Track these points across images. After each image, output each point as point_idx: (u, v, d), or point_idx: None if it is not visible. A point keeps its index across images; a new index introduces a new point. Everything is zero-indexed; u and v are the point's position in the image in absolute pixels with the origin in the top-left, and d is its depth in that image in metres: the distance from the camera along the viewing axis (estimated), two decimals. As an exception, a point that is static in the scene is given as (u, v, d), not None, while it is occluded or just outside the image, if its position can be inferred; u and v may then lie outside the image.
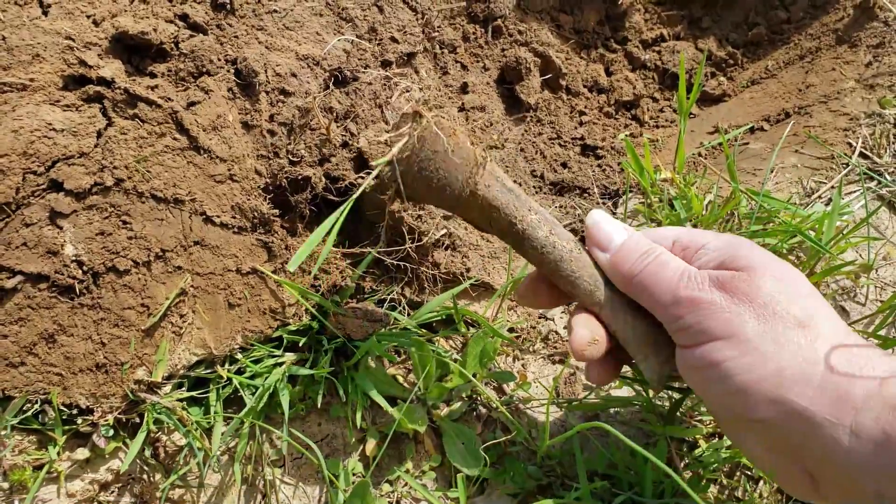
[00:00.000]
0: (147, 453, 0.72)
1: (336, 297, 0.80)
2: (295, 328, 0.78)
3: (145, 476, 0.72)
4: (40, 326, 0.68)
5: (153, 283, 0.71)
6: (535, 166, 1.09)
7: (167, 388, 0.72)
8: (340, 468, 0.74)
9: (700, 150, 1.12)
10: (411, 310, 0.84)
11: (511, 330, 0.89)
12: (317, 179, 0.78)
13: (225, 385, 0.74)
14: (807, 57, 1.22)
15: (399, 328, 0.80)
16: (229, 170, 0.75)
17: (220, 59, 0.77)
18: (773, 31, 1.30)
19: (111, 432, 0.70)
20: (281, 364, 0.76)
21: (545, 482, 0.75)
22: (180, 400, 0.72)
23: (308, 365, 0.77)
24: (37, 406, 0.68)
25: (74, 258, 0.68)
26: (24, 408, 0.68)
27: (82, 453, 0.69)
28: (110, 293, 0.69)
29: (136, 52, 0.76)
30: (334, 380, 0.77)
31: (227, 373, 0.74)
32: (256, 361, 0.76)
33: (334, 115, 0.81)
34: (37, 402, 0.68)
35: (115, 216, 0.70)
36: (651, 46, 1.29)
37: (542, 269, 0.63)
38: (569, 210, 1.03)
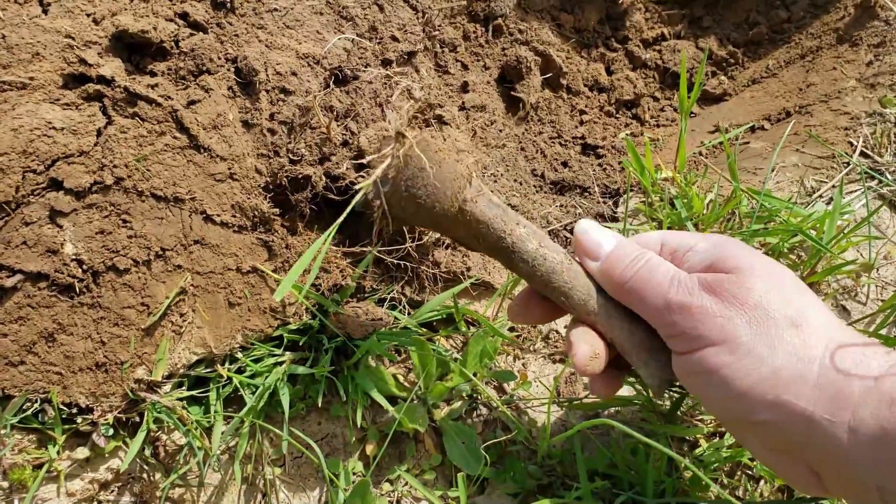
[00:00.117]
0: (147, 452, 0.72)
1: (336, 297, 0.80)
2: (295, 327, 0.77)
3: (145, 475, 0.72)
4: (40, 325, 0.67)
5: (153, 282, 0.71)
6: (535, 165, 1.09)
7: (167, 387, 0.72)
8: (341, 467, 0.74)
9: (701, 149, 1.12)
10: (412, 309, 0.84)
11: (512, 329, 0.88)
12: (317, 178, 0.78)
13: (225, 384, 0.74)
14: (808, 56, 1.22)
15: (399, 327, 0.80)
16: (229, 168, 0.75)
17: (220, 58, 0.77)
18: (773, 30, 1.30)
19: (111, 431, 0.70)
20: (281, 363, 0.76)
21: (546, 482, 0.75)
22: (180, 399, 0.72)
23: (308, 364, 0.77)
24: (36, 405, 0.68)
25: (74, 257, 0.68)
26: (24, 407, 0.68)
27: (82, 452, 0.69)
28: (110, 292, 0.69)
29: (136, 50, 0.76)
30: (334, 379, 0.77)
31: (227, 372, 0.74)
32: (257, 360, 0.75)
33: (335, 113, 0.81)
34: (36, 400, 0.68)
35: (115, 215, 0.70)
36: (652, 45, 1.29)
37: (533, 283, 0.62)
38: (569, 209, 1.03)
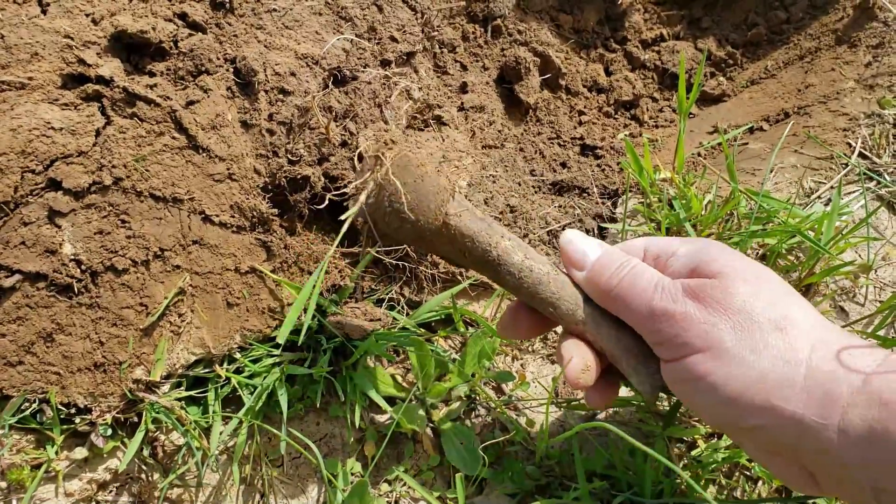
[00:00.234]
0: (145, 453, 0.71)
1: (335, 297, 0.80)
2: (294, 328, 0.77)
3: (143, 475, 0.72)
4: (38, 325, 0.67)
5: (152, 283, 0.71)
6: (534, 166, 1.09)
7: (165, 387, 0.72)
8: (339, 468, 0.74)
9: (699, 149, 1.12)
10: (410, 309, 0.84)
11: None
12: (316, 179, 0.78)
13: (223, 384, 0.74)
14: (806, 57, 1.22)
15: (398, 328, 0.80)
16: (228, 169, 0.75)
17: (219, 58, 0.77)
18: (772, 31, 1.30)
19: (109, 432, 0.70)
20: (279, 364, 0.76)
21: (544, 482, 0.75)
22: (179, 399, 0.72)
23: (307, 364, 0.77)
24: (35, 405, 0.68)
25: (73, 257, 0.68)
26: (23, 407, 0.68)
27: (80, 453, 0.69)
28: (109, 292, 0.69)
29: (134, 50, 0.76)
30: (333, 379, 0.77)
31: (225, 372, 0.74)
32: (255, 361, 0.75)
33: (333, 114, 0.81)
34: (35, 401, 0.68)
35: (114, 215, 0.70)
36: (650, 46, 1.29)
37: (520, 295, 0.62)
38: (568, 210, 1.03)
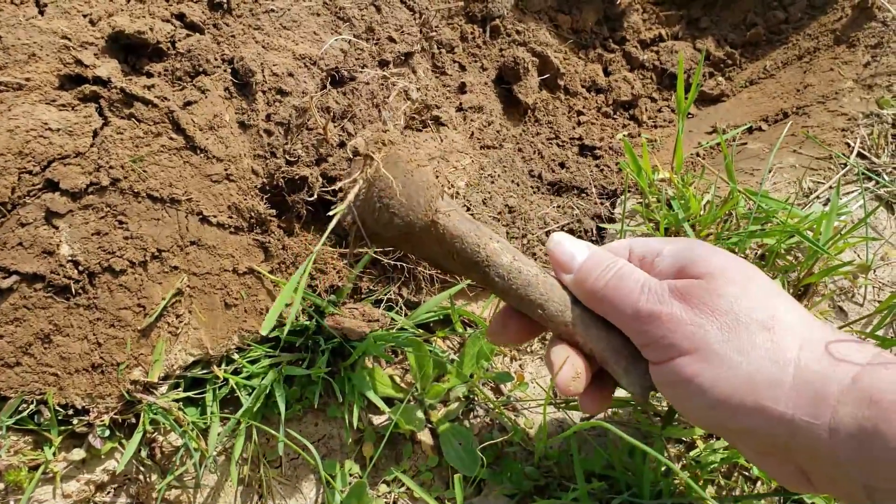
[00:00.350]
0: (143, 454, 0.71)
1: (333, 298, 0.80)
2: (292, 328, 0.77)
3: (141, 477, 0.72)
4: (36, 326, 0.67)
5: (149, 283, 0.71)
6: (532, 166, 1.09)
7: (163, 388, 0.72)
8: (337, 469, 0.74)
9: (698, 150, 1.12)
10: (408, 310, 0.84)
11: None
12: (314, 179, 0.78)
13: (221, 385, 0.74)
14: (805, 57, 1.22)
15: (396, 328, 0.80)
16: (226, 169, 0.75)
17: (216, 59, 0.77)
18: (771, 31, 1.30)
19: (107, 433, 0.70)
20: (278, 364, 0.76)
21: (542, 483, 0.75)
22: (176, 400, 0.72)
23: (305, 365, 0.77)
24: (32, 406, 0.68)
25: (70, 258, 0.68)
26: (20, 408, 0.67)
27: (78, 454, 0.69)
28: (106, 293, 0.69)
29: (132, 51, 0.76)
30: (331, 380, 0.77)
31: (223, 373, 0.74)
32: (253, 362, 0.75)
33: (331, 114, 0.81)
34: (32, 402, 0.68)
35: (111, 216, 0.70)
36: (649, 46, 1.29)
37: (509, 298, 0.62)
38: (567, 210, 1.03)
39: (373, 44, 0.89)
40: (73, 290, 0.68)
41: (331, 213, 0.61)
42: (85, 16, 0.76)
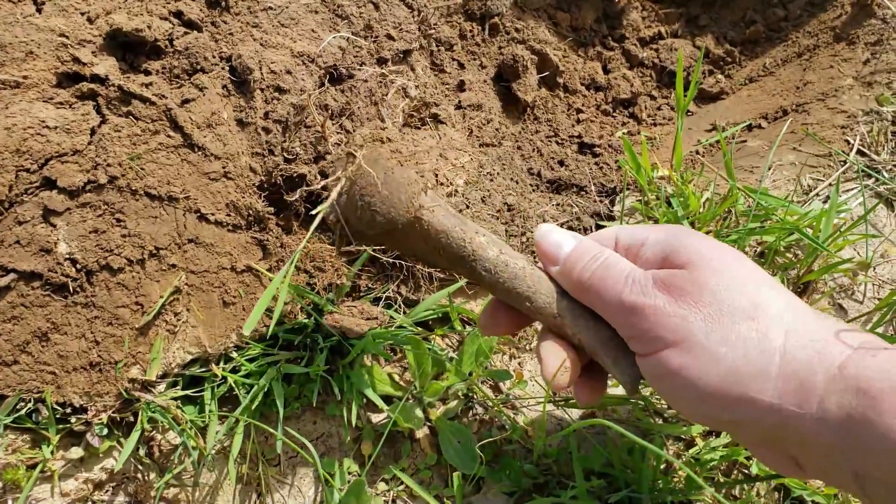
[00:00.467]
0: (141, 452, 0.71)
1: (331, 295, 0.79)
2: (290, 326, 0.77)
3: (140, 475, 0.72)
4: (34, 325, 0.67)
5: (147, 281, 0.71)
6: (532, 164, 1.08)
7: (161, 386, 0.72)
8: (336, 467, 0.74)
9: (697, 147, 1.12)
10: (407, 308, 0.84)
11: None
12: (312, 177, 0.78)
13: (220, 383, 0.74)
14: (804, 54, 1.22)
15: (395, 326, 0.80)
16: (224, 167, 0.75)
17: (214, 57, 0.77)
18: (770, 28, 1.29)
19: (105, 431, 0.70)
20: (276, 363, 0.75)
21: (541, 481, 0.75)
22: (175, 398, 0.72)
23: (303, 363, 0.77)
24: (30, 405, 0.68)
25: (68, 256, 0.68)
26: (18, 406, 0.67)
27: (76, 452, 0.69)
28: (104, 291, 0.69)
29: (130, 49, 0.76)
30: (329, 378, 0.77)
31: (221, 371, 0.73)
32: (251, 360, 0.75)
33: (330, 112, 0.81)
34: (30, 400, 0.68)
35: (109, 214, 0.70)
36: (649, 44, 1.29)
37: (496, 292, 0.62)
38: (566, 208, 1.03)
39: (371, 41, 0.89)
40: (71, 288, 0.68)
41: (313, 213, 0.61)
42: (83, 14, 0.76)
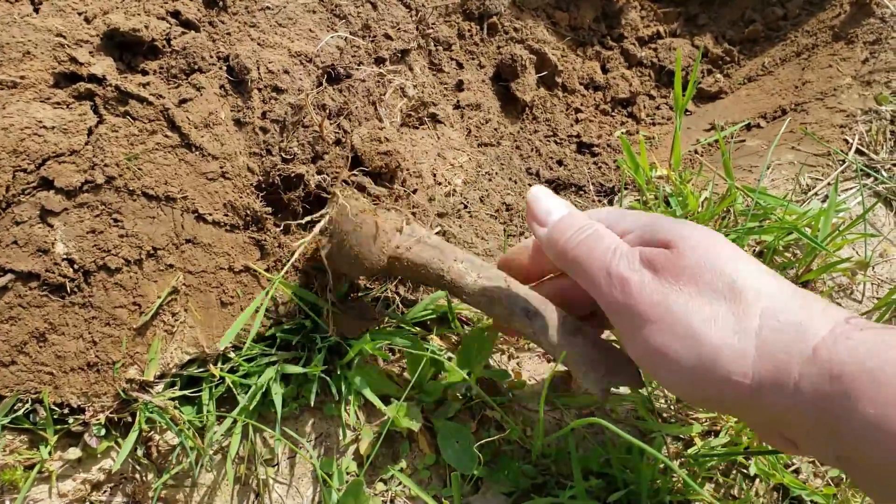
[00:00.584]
0: (139, 452, 0.71)
1: (329, 295, 0.79)
2: (288, 326, 0.77)
3: (137, 475, 0.72)
4: (31, 325, 0.67)
5: (145, 282, 0.70)
6: (530, 164, 1.08)
7: (159, 387, 0.71)
8: (334, 467, 0.74)
9: (696, 147, 1.12)
10: (405, 308, 0.84)
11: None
12: (310, 177, 0.78)
13: (217, 384, 0.74)
14: (803, 54, 1.22)
15: (393, 326, 0.80)
16: (221, 167, 0.75)
17: (212, 56, 0.77)
18: (769, 27, 1.29)
19: (103, 432, 0.70)
20: (274, 363, 0.75)
21: (540, 481, 0.75)
22: (172, 399, 0.72)
23: (301, 363, 0.76)
24: (28, 405, 0.68)
25: (65, 256, 0.68)
26: (15, 407, 0.67)
27: (74, 453, 0.69)
28: (101, 291, 0.69)
29: (127, 49, 0.76)
30: (328, 378, 0.76)
31: (219, 371, 0.73)
32: (249, 360, 0.75)
33: (327, 112, 0.80)
34: (28, 401, 0.68)
35: (107, 214, 0.69)
36: (647, 44, 1.29)
37: (479, 307, 0.68)
38: (564, 207, 1.03)
39: (369, 41, 0.89)
40: (69, 289, 0.68)
41: (296, 245, 0.69)
42: (80, 13, 0.76)
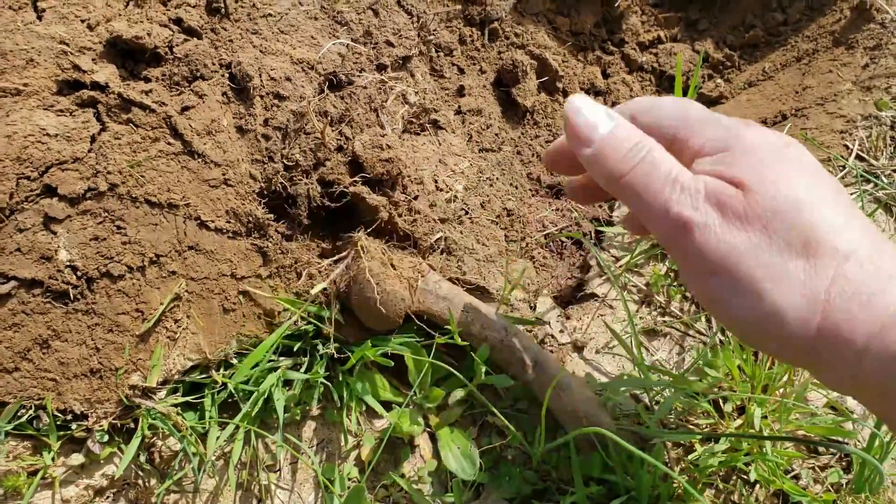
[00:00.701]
0: (142, 458, 0.71)
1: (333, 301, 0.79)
2: (290, 333, 0.77)
3: (140, 481, 0.72)
4: (34, 332, 0.67)
5: (147, 289, 0.71)
6: (531, 169, 1.09)
7: (162, 393, 0.72)
8: (336, 473, 0.74)
9: (697, 152, 1.12)
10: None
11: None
12: (311, 183, 0.78)
13: (220, 390, 0.74)
14: (803, 59, 1.22)
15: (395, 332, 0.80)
16: (223, 174, 0.75)
17: (214, 64, 0.77)
18: (769, 33, 1.30)
19: (106, 438, 0.70)
20: (276, 369, 0.76)
21: (541, 487, 0.75)
22: (175, 405, 0.72)
23: (303, 369, 0.77)
24: (31, 412, 0.68)
25: (68, 263, 0.68)
26: (19, 413, 0.67)
27: (77, 459, 0.69)
28: (104, 298, 0.69)
29: (130, 56, 0.76)
30: (329, 384, 0.77)
31: (221, 377, 0.74)
32: (251, 366, 0.75)
33: (329, 119, 0.81)
34: (31, 407, 0.68)
35: (109, 221, 0.70)
36: (648, 49, 1.29)
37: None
38: (565, 213, 1.03)
39: (371, 48, 0.89)
40: (72, 296, 0.68)
41: (313, 291, 0.75)
42: (83, 21, 0.76)
